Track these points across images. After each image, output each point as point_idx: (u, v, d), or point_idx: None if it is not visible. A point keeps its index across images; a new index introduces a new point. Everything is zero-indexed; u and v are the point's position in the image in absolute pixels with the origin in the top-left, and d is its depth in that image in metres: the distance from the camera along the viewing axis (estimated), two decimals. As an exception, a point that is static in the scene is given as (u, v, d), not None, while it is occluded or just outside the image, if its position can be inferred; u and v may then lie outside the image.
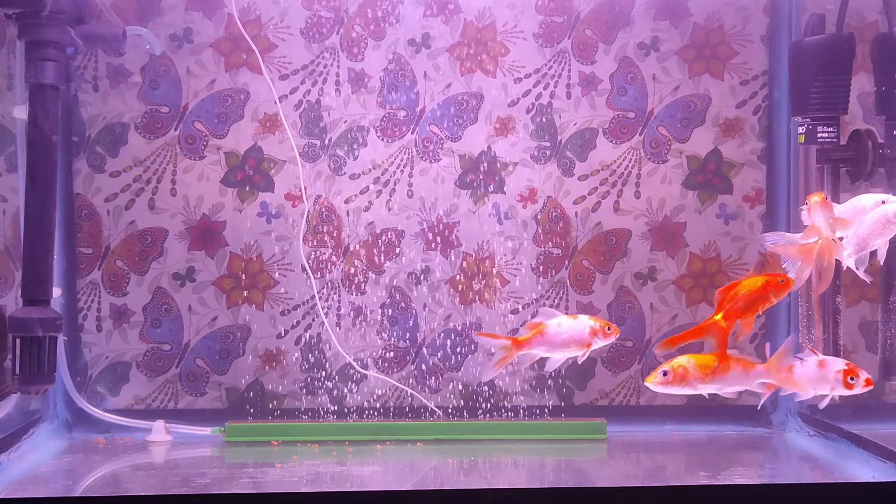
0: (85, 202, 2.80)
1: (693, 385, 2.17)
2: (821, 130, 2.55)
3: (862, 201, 2.28)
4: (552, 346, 2.31)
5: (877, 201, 2.26)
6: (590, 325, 2.30)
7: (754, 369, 2.19)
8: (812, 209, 2.23)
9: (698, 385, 2.17)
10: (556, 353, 2.31)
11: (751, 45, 2.88)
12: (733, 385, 2.20)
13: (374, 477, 2.39)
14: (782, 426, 2.86)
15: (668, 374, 2.16)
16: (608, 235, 2.89)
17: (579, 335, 2.30)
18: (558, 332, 2.30)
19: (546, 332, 2.30)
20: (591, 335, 2.29)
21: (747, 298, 2.21)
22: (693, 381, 2.16)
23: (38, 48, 2.44)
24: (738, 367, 2.19)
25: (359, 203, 2.85)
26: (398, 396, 2.86)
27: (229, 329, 2.84)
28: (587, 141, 2.88)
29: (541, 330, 2.30)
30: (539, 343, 2.30)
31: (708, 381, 2.17)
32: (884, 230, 2.23)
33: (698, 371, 2.16)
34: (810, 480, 2.27)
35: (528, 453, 2.62)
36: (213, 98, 2.82)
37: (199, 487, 2.20)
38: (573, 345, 2.30)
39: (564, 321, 2.31)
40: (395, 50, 2.84)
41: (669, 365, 2.17)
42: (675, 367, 2.17)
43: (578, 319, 2.31)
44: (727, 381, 2.19)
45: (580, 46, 2.87)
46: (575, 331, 2.30)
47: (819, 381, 2.23)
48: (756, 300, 2.21)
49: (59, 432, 2.75)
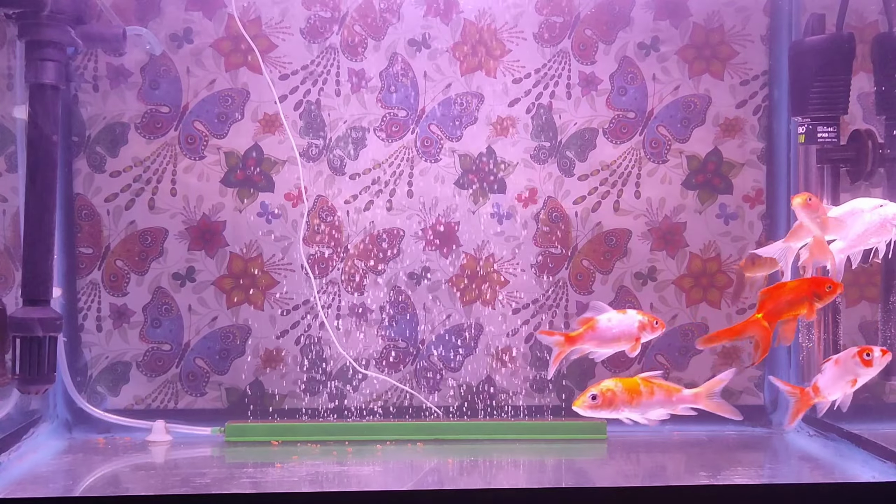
0: (85, 202, 2.80)
1: (619, 409, 2.17)
2: (821, 130, 2.55)
3: (859, 204, 2.28)
4: (602, 341, 2.33)
5: (875, 205, 2.26)
6: (638, 320, 2.32)
7: (678, 394, 2.19)
8: (796, 211, 2.24)
9: (624, 409, 2.18)
10: (605, 347, 2.34)
11: (751, 45, 2.88)
12: (658, 409, 2.20)
13: (374, 477, 2.39)
14: (782, 426, 2.86)
15: (596, 397, 2.17)
16: (608, 235, 2.89)
17: (628, 329, 2.32)
18: (608, 326, 2.32)
19: (596, 327, 2.32)
20: (640, 329, 2.31)
21: (790, 300, 2.22)
22: (620, 404, 2.17)
23: (38, 48, 2.44)
24: (661, 393, 2.20)
25: (359, 203, 2.85)
26: (398, 396, 2.86)
27: (229, 329, 2.84)
28: (587, 141, 2.88)
29: (591, 325, 2.32)
30: (590, 338, 2.32)
31: (634, 405, 2.18)
32: (880, 231, 2.24)
33: (625, 395, 2.17)
34: (810, 480, 2.27)
35: (528, 453, 2.62)
36: (213, 98, 2.82)
37: (199, 487, 2.20)
38: (623, 339, 2.32)
39: (614, 316, 2.33)
40: (395, 50, 2.84)
41: (598, 389, 2.18)
42: (603, 391, 2.18)
43: (627, 314, 2.33)
44: (652, 406, 2.20)
45: (580, 46, 2.87)
46: (624, 325, 2.32)
47: (843, 375, 2.23)
48: (799, 303, 2.22)
49: (59, 432, 2.75)
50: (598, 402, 2.16)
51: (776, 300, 2.24)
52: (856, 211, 2.26)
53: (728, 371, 2.24)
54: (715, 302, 2.89)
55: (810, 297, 2.22)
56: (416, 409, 2.85)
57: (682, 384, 2.88)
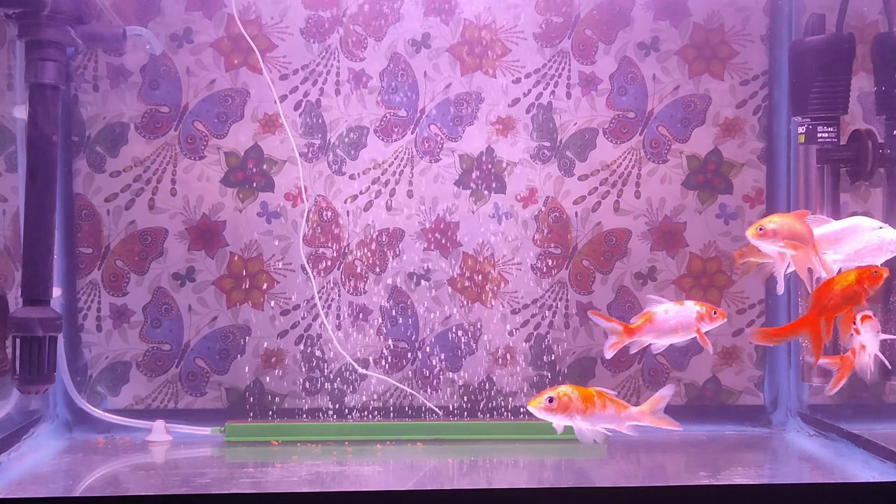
0: (85, 202, 2.80)
1: (572, 416, 2.17)
2: (821, 130, 2.55)
3: (860, 223, 2.26)
4: (661, 333, 2.32)
5: (874, 226, 2.25)
6: (696, 310, 2.31)
7: (626, 411, 2.19)
8: (751, 242, 2.23)
9: (576, 417, 2.17)
10: (664, 339, 2.33)
11: (751, 45, 2.88)
12: (606, 423, 2.19)
13: (374, 477, 2.39)
14: (782, 426, 2.86)
15: (553, 400, 2.16)
16: (608, 235, 2.89)
17: (686, 320, 2.31)
18: (666, 318, 2.31)
19: (654, 318, 2.31)
20: (698, 320, 2.30)
21: (843, 294, 2.22)
22: (574, 412, 2.16)
23: (38, 48, 2.44)
24: (612, 407, 2.20)
25: (359, 203, 2.85)
26: (398, 396, 2.86)
27: (229, 329, 2.84)
28: (587, 141, 2.88)
29: (649, 317, 2.31)
30: (648, 330, 2.31)
31: (587, 414, 2.18)
32: (876, 252, 2.23)
33: (580, 403, 2.17)
34: (810, 480, 2.27)
35: (528, 453, 2.62)
36: (213, 98, 2.82)
37: (199, 487, 2.20)
38: (681, 330, 2.31)
39: (671, 308, 2.32)
40: (395, 50, 2.84)
41: (555, 392, 2.17)
42: (560, 395, 2.16)
43: (685, 305, 2.32)
44: (601, 419, 2.19)
45: (580, 46, 2.87)
46: (682, 316, 2.31)
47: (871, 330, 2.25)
48: (852, 295, 2.22)
49: (59, 432, 2.75)
50: (554, 405, 2.15)
51: (828, 296, 2.23)
52: (855, 229, 2.25)
53: (668, 387, 2.22)
54: (715, 302, 2.89)
55: (861, 287, 2.22)
56: (416, 409, 2.85)
57: (681, 384, 2.90)
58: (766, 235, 2.20)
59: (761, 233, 2.20)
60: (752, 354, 2.90)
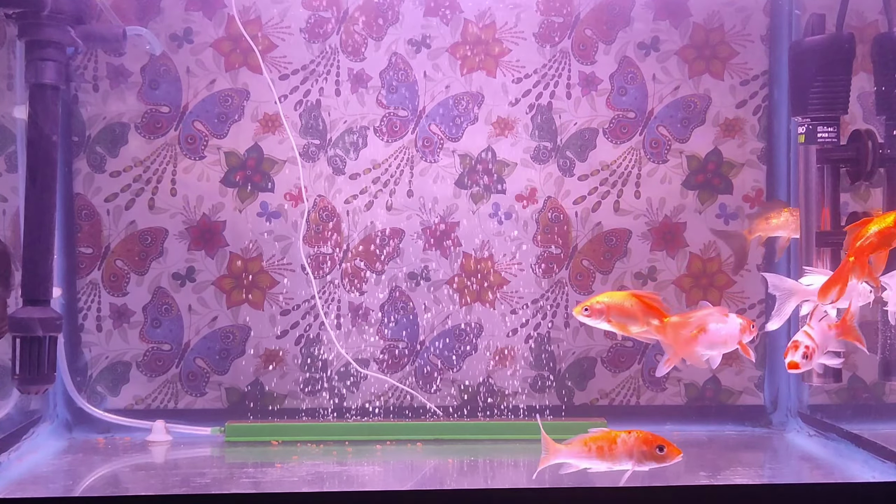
0: (85, 202, 2.80)
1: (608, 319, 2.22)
2: (821, 130, 2.55)
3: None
4: (713, 345, 2.29)
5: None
6: (740, 323, 2.28)
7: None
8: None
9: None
10: (715, 350, 2.29)
11: (751, 45, 2.88)
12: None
13: (374, 477, 2.39)
14: (782, 426, 2.86)
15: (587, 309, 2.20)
16: (608, 235, 2.89)
17: (732, 333, 2.28)
18: (717, 330, 2.27)
19: (708, 330, 2.28)
20: (742, 332, 2.28)
21: (879, 235, 2.20)
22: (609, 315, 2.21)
23: (38, 48, 2.44)
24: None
25: (359, 203, 2.85)
26: (398, 396, 2.86)
27: (229, 329, 2.84)
28: (587, 141, 2.88)
29: (703, 328, 2.27)
30: (702, 342, 2.28)
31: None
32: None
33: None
34: (810, 480, 2.27)
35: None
36: (213, 98, 2.82)
37: (199, 487, 2.20)
38: (729, 342, 2.28)
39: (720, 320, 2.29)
40: (395, 50, 2.84)
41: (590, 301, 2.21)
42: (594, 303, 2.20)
43: (730, 317, 2.28)
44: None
45: (580, 46, 2.87)
46: (729, 329, 2.28)
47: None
48: (889, 235, 2.21)
49: (59, 432, 2.75)
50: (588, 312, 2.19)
51: (864, 236, 2.22)
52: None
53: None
54: (715, 302, 2.89)
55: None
56: (416, 409, 2.85)
57: (681, 384, 2.90)
58: (593, 314, 2.20)
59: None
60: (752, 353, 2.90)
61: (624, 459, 2.09)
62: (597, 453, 2.10)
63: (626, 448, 2.09)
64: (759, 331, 2.50)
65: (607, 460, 2.10)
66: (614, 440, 2.10)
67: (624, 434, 2.10)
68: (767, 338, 2.88)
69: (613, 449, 2.10)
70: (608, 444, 2.10)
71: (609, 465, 2.10)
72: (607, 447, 2.10)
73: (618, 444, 2.09)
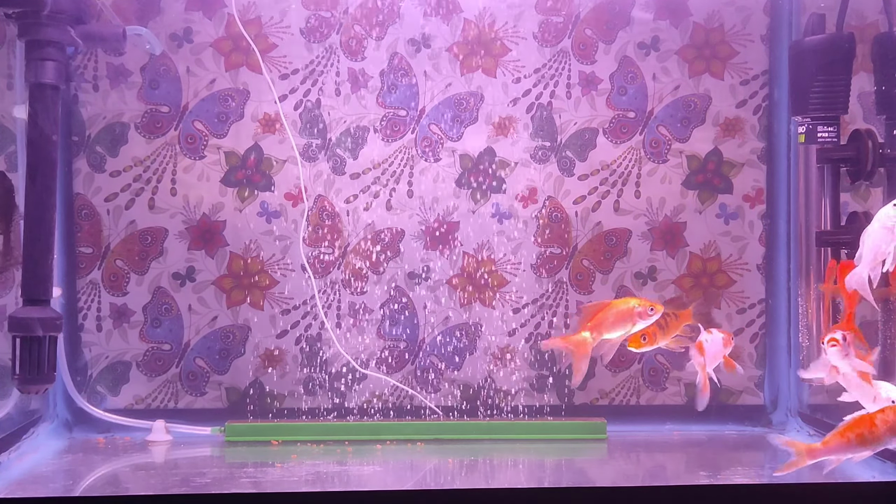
0: (85, 202, 2.80)
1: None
2: (821, 130, 2.55)
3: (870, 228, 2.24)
4: (714, 357, 2.44)
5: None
6: (721, 337, 2.44)
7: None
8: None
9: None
10: (715, 362, 2.44)
11: (751, 44, 2.88)
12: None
13: (374, 477, 2.39)
14: (782, 426, 2.86)
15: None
16: (608, 235, 2.89)
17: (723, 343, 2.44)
18: (714, 340, 2.43)
19: (707, 341, 2.42)
20: (724, 345, 2.44)
21: None
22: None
23: (38, 48, 2.44)
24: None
25: (359, 203, 2.85)
26: (398, 396, 2.86)
27: (229, 329, 2.84)
28: (587, 141, 2.88)
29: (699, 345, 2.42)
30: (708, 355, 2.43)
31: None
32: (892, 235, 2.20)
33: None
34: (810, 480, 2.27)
35: (528, 453, 2.62)
36: (213, 98, 2.82)
37: (199, 487, 2.20)
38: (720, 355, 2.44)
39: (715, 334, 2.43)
40: (395, 49, 2.84)
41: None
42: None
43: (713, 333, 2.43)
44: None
45: (580, 46, 2.87)
46: (720, 339, 2.44)
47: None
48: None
49: (59, 432, 2.75)
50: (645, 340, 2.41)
51: None
52: (868, 233, 2.22)
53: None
54: (715, 302, 2.89)
55: None
56: (416, 409, 2.85)
57: (681, 384, 2.90)
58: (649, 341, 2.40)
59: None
60: (752, 354, 2.90)
61: (888, 438, 2.02)
62: (857, 441, 2.03)
63: (887, 426, 2.01)
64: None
65: (869, 446, 2.03)
66: (872, 422, 2.02)
67: (879, 414, 2.02)
68: (768, 338, 2.89)
69: (875, 431, 2.02)
70: (868, 429, 2.02)
71: (872, 449, 2.03)
72: (867, 432, 2.02)
73: (877, 425, 2.02)
